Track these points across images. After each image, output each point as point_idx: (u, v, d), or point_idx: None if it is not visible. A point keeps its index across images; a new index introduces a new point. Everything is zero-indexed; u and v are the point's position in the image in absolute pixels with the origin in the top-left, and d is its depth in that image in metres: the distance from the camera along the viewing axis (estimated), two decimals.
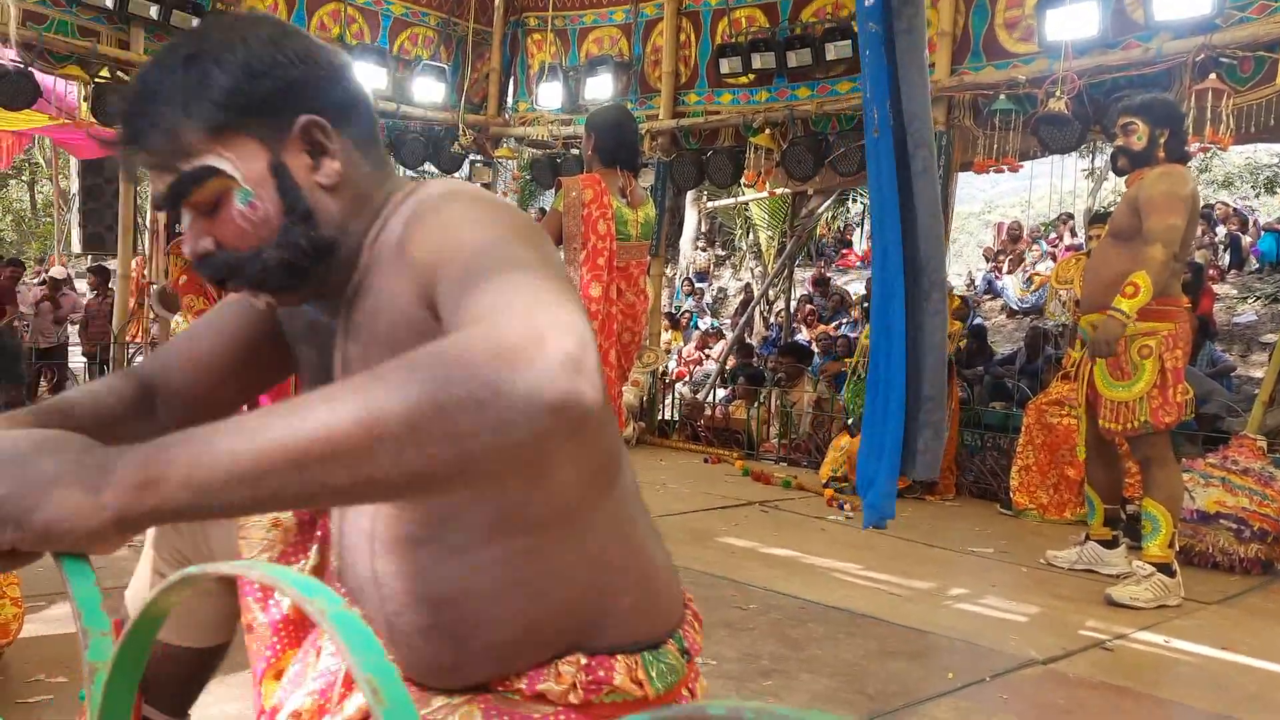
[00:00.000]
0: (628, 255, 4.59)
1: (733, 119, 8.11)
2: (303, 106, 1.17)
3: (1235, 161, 21.34)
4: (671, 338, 13.77)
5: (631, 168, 4.63)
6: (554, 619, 1.23)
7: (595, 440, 1.19)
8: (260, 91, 1.14)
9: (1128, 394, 4.28)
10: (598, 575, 1.23)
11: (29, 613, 2.72)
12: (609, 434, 1.23)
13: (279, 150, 1.17)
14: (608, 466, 1.24)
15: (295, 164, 1.18)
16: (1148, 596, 4.07)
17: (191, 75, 1.13)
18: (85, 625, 0.62)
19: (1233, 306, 12.49)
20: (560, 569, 1.21)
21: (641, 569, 1.29)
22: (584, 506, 1.21)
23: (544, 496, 1.19)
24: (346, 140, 1.21)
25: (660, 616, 1.32)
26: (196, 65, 1.14)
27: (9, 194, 28.22)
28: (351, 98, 1.23)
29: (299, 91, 1.17)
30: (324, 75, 1.19)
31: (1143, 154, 4.28)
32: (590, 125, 4.66)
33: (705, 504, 5.85)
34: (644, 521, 1.34)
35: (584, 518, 1.22)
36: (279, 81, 1.15)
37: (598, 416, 0.83)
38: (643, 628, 1.29)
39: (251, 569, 0.53)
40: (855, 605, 3.83)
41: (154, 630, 0.60)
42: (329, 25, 8.46)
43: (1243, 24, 5.69)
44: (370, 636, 0.49)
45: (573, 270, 4.53)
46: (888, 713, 2.79)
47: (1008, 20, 6.73)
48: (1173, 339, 4.25)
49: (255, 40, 1.15)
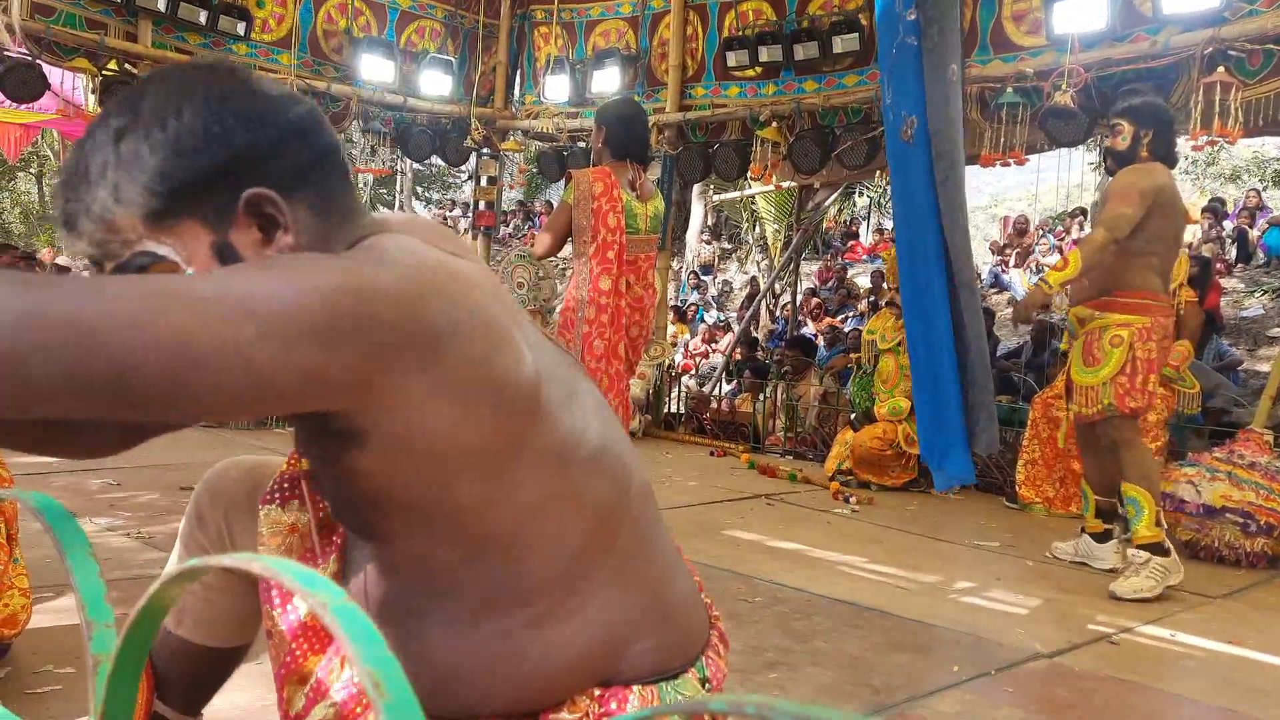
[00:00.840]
0: (636, 249, 4.59)
1: (739, 112, 8.10)
2: (246, 180, 1.08)
3: (1243, 155, 21.26)
4: (677, 330, 13.76)
5: (641, 161, 4.64)
6: (561, 681, 1.21)
7: (578, 508, 1.18)
8: (195, 171, 1.07)
9: (1094, 379, 4.38)
10: (606, 633, 1.21)
11: (37, 604, 2.73)
12: (598, 493, 1.20)
13: (224, 229, 1.09)
14: (601, 527, 1.21)
15: (243, 241, 1.10)
16: (1150, 585, 4.10)
17: (122, 157, 1.06)
18: (89, 617, 0.62)
19: (1240, 300, 12.45)
20: (564, 638, 1.19)
21: (659, 613, 1.27)
22: (582, 571, 1.19)
23: (536, 568, 1.17)
24: (301, 204, 1.12)
25: (680, 649, 1.29)
26: (127, 143, 1.07)
27: (17, 186, 28.26)
28: (307, 156, 1.13)
29: (240, 165, 1.08)
30: (271, 140, 1.10)
31: (1127, 154, 4.41)
32: (600, 118, 4.66)
33: (711, 497, 5.85)
34: (661, 559, 1.30)
35: (584, 582, 1.19)
36: (215, 157, 1.07)
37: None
38: (660, 663, 1.26)
39: (253, 562, 0.53)
40: (860, 598, 3.83)
41: (158, 622, 0.60)
42: (336, 18, 8.46)
43: (1251, 17, 5.67)
44: (372, 630, 0.49)
45: (580, 263, 4.54)
46: (892, 706, 2.79)
47: (1015, 13, 6.72)
48: (1146, 332, 4.32)
49: (190, 111, 1.07)
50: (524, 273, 7.31)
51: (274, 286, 0.95)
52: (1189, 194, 20.88)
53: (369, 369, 0.99)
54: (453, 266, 1.10)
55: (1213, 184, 21.70)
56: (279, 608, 1.36)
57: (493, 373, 1.08)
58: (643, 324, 4.69)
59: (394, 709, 0.47)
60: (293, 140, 1.11)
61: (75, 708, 2.39)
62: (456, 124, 9.21)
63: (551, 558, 1.17)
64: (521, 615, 1.18)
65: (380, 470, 1.09)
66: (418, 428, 1.05)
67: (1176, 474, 4.98)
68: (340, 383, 0.99)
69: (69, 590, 3.11)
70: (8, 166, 24.90)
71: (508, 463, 1.12)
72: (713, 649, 1.35)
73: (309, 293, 0.96)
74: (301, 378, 0.95)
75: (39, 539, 3.16)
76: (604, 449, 1.22)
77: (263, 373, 0.93)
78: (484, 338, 1.07)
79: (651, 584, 1.27)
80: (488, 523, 1.14)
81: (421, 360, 1.02)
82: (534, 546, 1.16)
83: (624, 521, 1.24)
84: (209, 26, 7.53)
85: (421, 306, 1.02)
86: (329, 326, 0.95)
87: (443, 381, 1.04)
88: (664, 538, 1.34)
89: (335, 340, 0.96)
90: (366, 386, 1.00)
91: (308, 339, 0.94)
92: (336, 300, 0.96)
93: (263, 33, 8.06)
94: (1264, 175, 21.08)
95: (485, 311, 1.09)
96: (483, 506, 1.13)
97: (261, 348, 0.92)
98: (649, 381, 8.30)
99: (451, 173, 27.23)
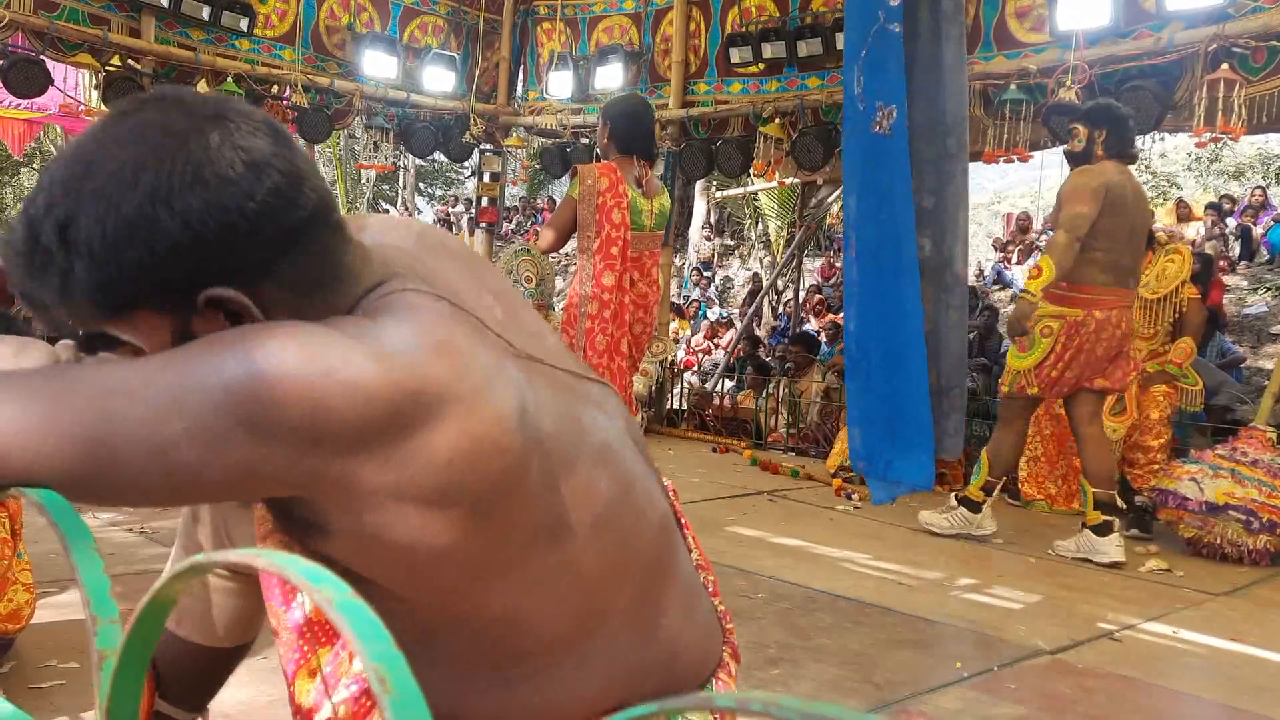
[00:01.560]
0: (641, 245, 4.58)
1: (742, 108, 8.09)
2: (200, 278, 0.95)
3: (1246, 152, 21.23)
4: (678, 326, 13.76)
5: (647, 157, 4.62)
6: (570, 718, 1.18)
7: (578, 577, 1.11)
8: (142, 277, 0.94)
9: (1019, 364, 4.80)
10: (613, 683, 1.18)
11: (40, 599, 2.74)
12: (602, 556, 1.13)
13: (185, 321, 0.97)
14: (607, 585, 1.15)
15: (209, 329, 0.96)
16: (945, 524, 4.93)
17: (64, 253, 0.93)
18: (94, 612, 0.63)
19: (1243, 298, 12.44)
20: (567, 690, 1.16)
21: (666, 657, 1.23)
22: (586, 632, 1.15)
23: (534, 634, 1.12)
24: (275, 286, 0.98)
25: (690, 678, 1.27)
26: (66, 239, 0.93)
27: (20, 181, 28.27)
28: (279, 238, 0.97)
29: (193, 265, 0.94)
30: (234, 235, 0.94)
31: (1082, 154, 4.73)
32: (606, 113, 4.66)
33: (713, 493, 5.86)
34: (677, 599, 1.25)
35: (588, 640, 1.15)
36: (164, 263, 0.93)
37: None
38: (668, 693, 1.24)
39: (258, 557, 0.53)
40: (863, 594, 3.83)
41: (162, 617, 0.60)
42: (339, 14, 8.45)
43: (1255, 14, 5.66)
44: (378, 625, 0.49)
45: (584, 258, 4.53)
46: (895, 701, 2.79)
47: (1019, 9, 6.70)
48: (1077, 325, 4.63)
49: (131, 206, 0.92)
50: (529, 268, 7.30)
51: (207, 374, 0.87)
52: (1192, 191, 20.88)
53: (315, 465, 0.90)
54: (455, 344, 0.98)
55: (1216, 181, 21.67)
56: (284, 605, 1.36)
57: (474, 477, 0.96)
58: (646, 320, 4.68)
59: (399, 705, 0.47)
60: (259, 228, 0.96)
61: (79, 702, 2.39)
62: (459, 120, 9.21)
63: (550, 625, 1.12)
64: (522, 669, 1.15)
65: (347, 558, 1.02)
66: (377, 529, 0.96)
67: (1179, 471, 4.98)
68: (281, 480, 0.90)
69: (72, 585, 3.12)
70: (11, 161, 24.92)
71: (491, 557, 1.04)
72: (724, 668, 1.33)
73: (249, 380, 0.86)
74: (231, 475, 0.88)
75: (41, 534, 3.17)
76: (611, 504, 1.13)
77: (186, 471, 0.87)
78: (465, 434, 0.95)
79: (665, 628, 1.22)
80: (474, 605, 1.08)
81: (381, 457, 0.92)
82: (530, 618, 1.11)
83: (634, 572, 1.18)
84: (212, 22, 7.52)
85: (388, 399, 0.91)
86: (269, 421, 0.87)
87: (407, 482, 0.94)
88: (683, 563, 1.29)
89: (275, 436, 0.87)
90: (313, 485, 0.92)
91: (244, 433, 0.86)
92: (283, 392, 0.87)
93: (265, 28, 8.06)
94: (1268, 172, 21.05)
95: (474, 399, 0.96)
96: (466, 592, 1.06)
97: (187, 447, 0.86)
98: (651, 378, 8.30)
99: (454, 169, 27.22)
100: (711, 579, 1.44)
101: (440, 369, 0.95)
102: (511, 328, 1.14)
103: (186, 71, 7.54)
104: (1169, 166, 22.97)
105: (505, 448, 0.99)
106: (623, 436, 1.23)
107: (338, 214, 1.05)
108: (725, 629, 1.39)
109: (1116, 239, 4.61)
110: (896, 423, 4.27)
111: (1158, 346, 5.66)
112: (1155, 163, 22.42)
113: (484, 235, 10.29)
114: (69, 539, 0.68)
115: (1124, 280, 4.70)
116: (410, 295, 1.02)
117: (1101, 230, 4.55)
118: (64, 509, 0.73)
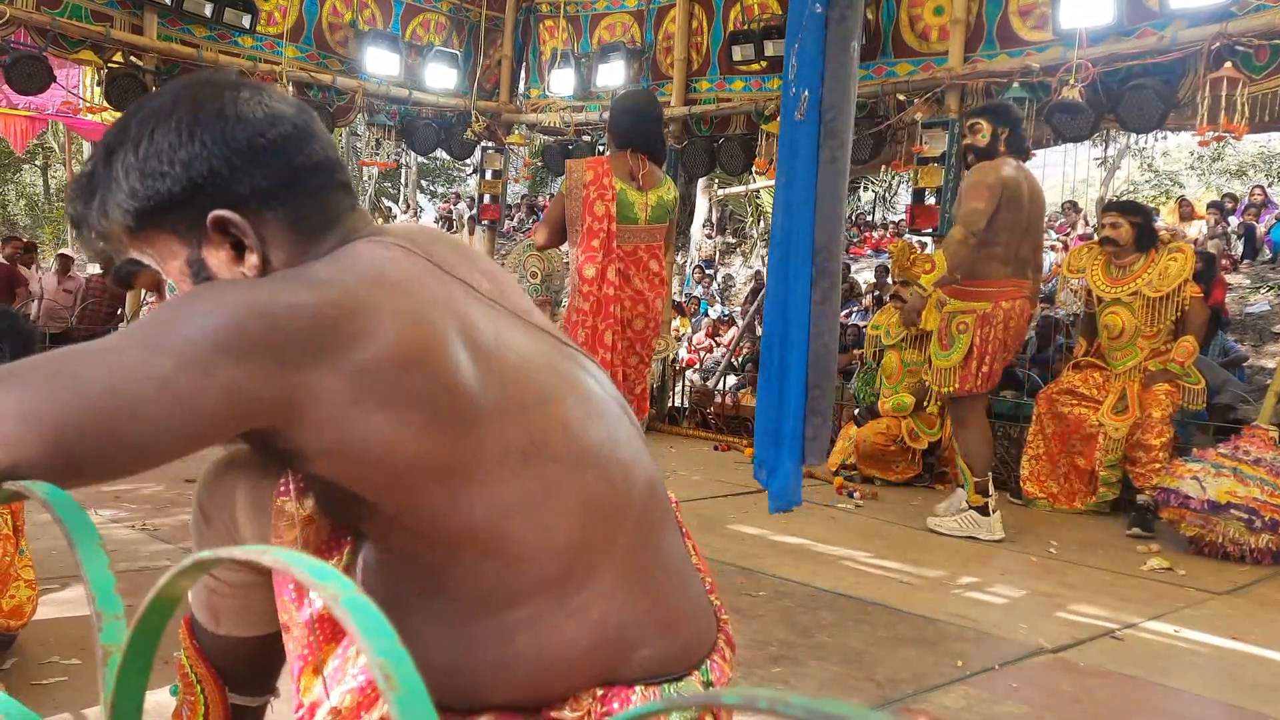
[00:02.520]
0: (634, 239, 4.51)
1: (745, 106, 8.09)
2: (214, 200, 1.13)
3: (1249, 150, 21.22)
4: (680, 324, 13.76)
5: (647, 151, 4.57)
6: (562, 680, 1.21)
7: (563, 507, 1.17)
8: (159, 193, 1.12)
9: (946, 362, 4.99)
10: (608, 636, 1.21)
11: (42, 595, 2.74)
12: (588, 492, 1.19)
13: (197, 245, 1.15)
14: (597, 527, 1.20)
15: (215, 258, 1.15)
16: (955, 526, 5.01)
17: (110, 174, 1.14)
18: (99, 609, 0.63)
19: (1245, 296, 12.42)
20: (564, 639, 1.19)
21: (664, 618, 1.26)
22: (581, 573, 1.19)
23: (527, 568, 1.17)
24: (275, 221, 1.16)
25: (684, 654, 1.29)
26: (114, 159, 1.14)
27: (23, 178, 28.30)
28: (283, 176, 1.16)
29: (208, 186, 1.13)
30: (237, 163, 1.13)
31: (986, 150, 4.92)
32: (610, 107, 4.70)
33: (714, 491, 5.86)
34: (670, 562, 1.30)
35: (584, 584, 1.19)
36: (181, 181, 1.12)
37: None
38: (663, 667, 1.26)
39: (264, 554, 0.53)
40: (864, 593, 3.83)
41: (168, 613, 0.60)
42: (341, 11, 8.45)
43: (1259, 12, 5.65)
44: (383, 621, 0.49)
45: (574, 252, 4.54)
46: (896, 700, 2.80)
47: (1022, 8, 6.70)
48: (987, 317, 4.88)
49: (161, 133, 1.12)
50: (537, 263, 7.31)
51: (177, 321, 1.00)
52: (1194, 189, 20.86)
53: (285, 378, 1.02)
54: (390, 276, 1.12)
55: (1218, 180, 21.67)
56: (295, 602, 1.37)
57: (421, 380, 1.08)
58: (647, 316, 4.60)
59: (405, 702, 0.47)
60: (265, 161, 1.14)
61: (82, 698, 2.39)
62: (461, 117, 9.21)
63: (542, 557, 1.16)
64: (518, 614, 1.18)
65: (335, 479, 1.12)
66: (351, 439, 1.07)
67: (1181, 470, 4.98)
68: (263, 396, 1.02)
69: (74, 581, 3.12)
70: (14, 159, 24.95)
71: (463, 467, 1.12)
72: (719, 653, 1.35)
73: (213, 314, 1.00)
74: (226, 397, 0.99)
75: (44, 530, 3.17)
76: (594, 447, 1.21)
77: (190, 400, 0.97)
78: (408, 345, 1.08)
79: (657, 589, 1.26)
80: (459, 524, 1.14)
81: (333, 366, 1.04)
82: (519, 546, 1.16)
83: (624, 521, 1.23)
84: (214, 19, 7.52)
85: (332, 315, 1.05)
86: (239, 341, 0.99)
87: (363, 390, 1.05)
88: (674, 539, 1.33)
89: (247, 353, 0.99)
90: (289, 398, 1.03)
91: (222, 357, 0.98)
92: (241, 318, 1.01)
93: (268, 25, 8.06)
94: (1270, 171, 21.05)
95: (413, 320, 1.09)
96: (449, 509, 1.13)
97: (181, 376, 0.96)
98: (653, 375, 8.30)
99: (456, 166, 27.24)
100: (709, 581, 1.45)
101: (373, 293, 1.09)
102: (497, 295, 1.25)
103: (189, 68, 7.54)
104: (1171, 165, 22.97)
105: (450, 356, 1.11)
106: (609, 398, 1.31)
107: (345, 176, 1.23)
108: (720, 619, 1.41)
109: (1014, 232, 4.83)
110: (781, 429, 4.00)
111: (1160, 345, 5.66)
112: (1158, 161, 22.43)
113: (486, 232, 10.29)
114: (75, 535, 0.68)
115: (1022, 271, 4.93)
116: (362, 244, 1.17)
117: (1000, 225, 4.76)
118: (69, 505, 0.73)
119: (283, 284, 1.08)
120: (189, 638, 1.63)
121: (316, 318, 1.04)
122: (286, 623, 1.38)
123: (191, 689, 1.66)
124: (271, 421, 1.05)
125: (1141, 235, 5.72)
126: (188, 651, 1.64)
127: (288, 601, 1.37)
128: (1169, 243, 5.82)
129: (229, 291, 1.06)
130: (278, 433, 1.07)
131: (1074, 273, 6.12)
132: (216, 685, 1.62)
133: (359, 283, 1.09)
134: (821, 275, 3.86)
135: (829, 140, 3.83)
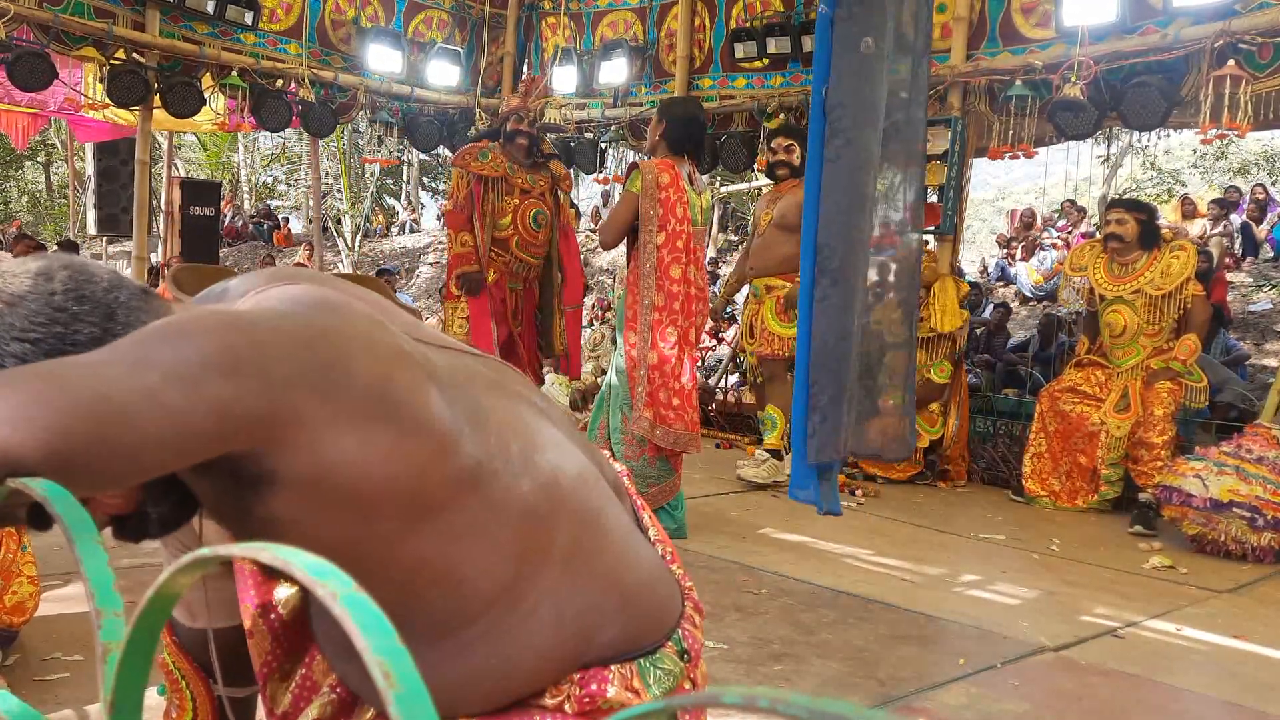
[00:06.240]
0: (696, 240, 4.72)
1: (747, 103, 8.08)
2: None
3: (1252, 149, 21.18)
4: None
5: (697, 158, 4.82)
6: (533, 678, 1.22)
7: (504, 524, 1.18)
8: None
9: (788, 332, 5.68)
10: (566, 629, 1.22)
11: (44, 591, 2.74)
12: (524, 504, 1.20)
13: None
14: (535, 534, 1.21)
15: None
16: (762, 474, 5.83)
17: None
18: (98, 606, 0.62)
19: (1248, 295, 12.40)
20: (522, 643, 1.20)
21: (619, 598, 1.27)
22: (524, 580, 1.20)
23: (474, 590, 1.18)
24: None
25: (652, 627, 1.31)
26: None
27: (25, 175, 28.32)
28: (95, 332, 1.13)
29: None
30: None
31: (801, 168, 5.34)
32: (664, 113, 4.82)
33: (717, 489, 5.86)
34: (613, 542, 1.30)
35: (528, 589, 1.20)
36: None
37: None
38: (632, 642, 1.28)
39: (263, 550, 0.53)
40: (866, 590, 3.83)
41: (167, 611, 0.60)
42: (344, 8, 8.44)
43: (1262, 9, 5.64)
44: (382, 619, 0.49)
45: (646, 251, 4.58)
46: (899, 698, 2.80)
47: (1024, 5, 6.69)
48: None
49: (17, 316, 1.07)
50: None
51: (165, 339, 1.02)
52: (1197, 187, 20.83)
53: (271, 395, 1.03)
54: (333, 301, 1.16)
55: (1221, 178, 21.61)
56: (257, 607, 1.37)
57: (388, 398, 1.10)
58: (703, 311, 4.84)
59: (404, 699, 0.47)
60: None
61: (83, 695, 2.40)
62: (464, 115, 9.20)
63: (487, 577, 1.18)
64: (472, 631, 1.19)
65: (295, 513, 1.11)
66: (324, 462, 1.07)
67: (1184, 468, 4.97)
68: (249, 414, 1.02)
69: (76, 578, 3.12)
70: (16, 155, 24.96)
71: (421, 493, 1.13)
72: (688, 620, 1.36)
73: (199, 333, 1.02)
74: (213, 412, 0.99)
75: None
76: (525, 451, 1.23)
77: (178, 414, 0.97)
78: (375, 363, 1.11)
79: (605, 572, 1.27)
80: (412, 556, 1.15)
81: (314, 387, 1.06)
82: (466, 571, 1.17)
83: (559, 521, 1.23)
84: (217, 16, 7.51)
85: (306, 337, 1.08)
86: (226, 358, 1.01)
87: (340, 410, 1.07)
88: (614, 516, 1.33)
89: (235, 370, 1.01)
90: (274, 416, 1.04)
91: (210, 374, 0.99)
92: (228, 336, 1.03)
93: (270, 22, 8.05)
94: (1273, 169, 21.00)
95: (372, 340, 1.13)
96: (402, 541, 1.14)
97: (170, 390, 0.97)
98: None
99: None
100: (669, 550, 1.46)
101: (331, 318, 1.13)
102: (410, 328, 1.28)
103: (191, 65, 7.54)
104: (1174, 163, 22.93)
105: (418, 382, 1.14)
106: (528, 397, 1.33)
107: (132, 287, 1.18)
108: (684, 587, 1.41)
109: None
110: (799, 426, 3.97)
111: (1162, 343, 5.65)
112: (1160, 160, 22.40)
113: None
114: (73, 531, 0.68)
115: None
116: (274, 287, 1.20)
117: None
118: (67, 501, 0.73)
119: (258, 309, 1.12)
120: (168, 634, 1.63)
121: (296, 339, 1.08)
122: (249, 628, 1.38)
123: (177, 685, 1.67)
124: (252, 442, 1.05)
125: (1146, 233, 5.71)
126: (168, 648, 1.64)
127: (250, 607, 1.37)
128: (1171, 241, 5.82)
129: (212, 314, 1.09)
130: (256, 455, 1.06)
131: (1076, 271, 6.12)
132: (200, 679, 1.63)
133: (315, 309, 1.13)
134: (822, 274, 3.86)
135: (833, 139, 3.84)
